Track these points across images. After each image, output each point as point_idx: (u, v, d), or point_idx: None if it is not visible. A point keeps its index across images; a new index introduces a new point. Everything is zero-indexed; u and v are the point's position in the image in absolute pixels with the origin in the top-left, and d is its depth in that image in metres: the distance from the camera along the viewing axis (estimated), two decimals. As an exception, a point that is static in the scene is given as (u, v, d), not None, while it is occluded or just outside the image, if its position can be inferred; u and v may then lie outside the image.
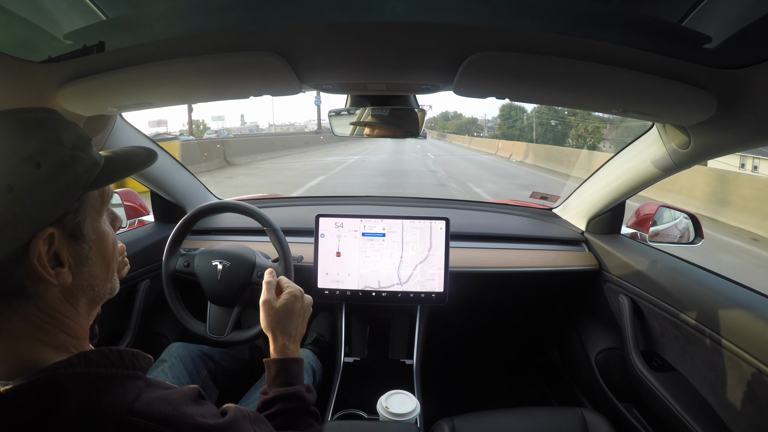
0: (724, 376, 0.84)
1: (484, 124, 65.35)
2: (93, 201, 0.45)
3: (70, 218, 0.42)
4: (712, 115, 0.68)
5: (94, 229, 0.45)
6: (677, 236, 1.28)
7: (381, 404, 0.88)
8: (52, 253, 0.40)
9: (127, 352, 0.43)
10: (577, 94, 0.74)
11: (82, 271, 0.44)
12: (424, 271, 1.15)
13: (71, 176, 0.40)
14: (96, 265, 0.45)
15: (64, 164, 0.40)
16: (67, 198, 0.40)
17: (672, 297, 0.99)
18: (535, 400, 1.59)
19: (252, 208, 1.07)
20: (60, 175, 0.39)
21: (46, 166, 0.38)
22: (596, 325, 1.35)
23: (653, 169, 1.00)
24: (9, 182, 0.36)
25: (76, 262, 0.43)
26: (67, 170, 0.40)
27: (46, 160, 0.39)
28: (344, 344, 1.20)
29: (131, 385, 0.41)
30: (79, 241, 0.43)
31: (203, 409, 0.44)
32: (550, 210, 1.57)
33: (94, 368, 0.39)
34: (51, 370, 0.37)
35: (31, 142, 0.39)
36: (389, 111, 0.91)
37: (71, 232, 0.42)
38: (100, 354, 0.41)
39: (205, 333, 1.05)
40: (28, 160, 0.38)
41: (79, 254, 0.43)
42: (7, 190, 0.36)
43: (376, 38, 0.60)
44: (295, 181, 8.93)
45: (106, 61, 0.67)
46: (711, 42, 0.54)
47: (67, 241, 0.42)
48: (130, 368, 0.42)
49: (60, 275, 0.41)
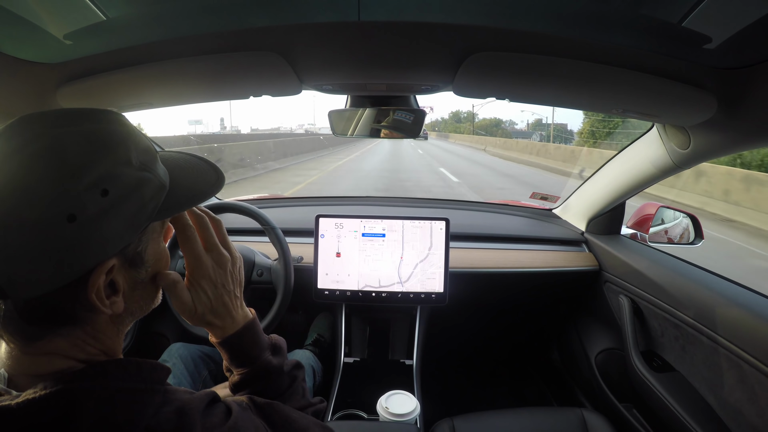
0: (724, 376, 0.84)
1: (514, 129, 54.69)
2: (156, 225, 0.42)
3: (133, 248, 0.39)
4: (713, 116, 0.68)
5: (154, 254, 0.42)
6: (677, 237, 1.28)
7: (381, 404, 0.88)
8: (108, 281, 0.37)
9: (146, 363, 0.40)
10: (577, 95, 0.74)
11: (135, 295, 0.41)
12: (424, 270, 1.15)
13: (138, 203, 0.37)
14: (148, 286, 0.43)
15: (132, 189, 0.36)
16: (133, 229, 0.37)
17: (672, 297, 0.99)
18: (535, 400, 1.59)
19: (251, 208, 1.07)
20: (127, 202, 0.35)
21: (113, 193, 0.34)
22: (596, 325, 1.35)
23: (653, 169, 1.00)
24: (71, 212, 0.32)
25: (130, 287, 0.40)
26: (134, 196, 0.36)
27: (113, 186, 0.34)
28: (344, 345, 1.20)
29: (149, 402, 0.38)
30: (138, 268, 0.40)
31: (213, 418, 0.41)
32: (550, 210, 1.57)
33: (112, 381, 0.37)
34: (65, 383, 0.34)
35: (99, 164, 0.34)
36: (390, 111, 0.91)
37: (131, 260, 0.39)
38: (119, 366, 0.38)
39: (205, 334, 1.04)
40: (95, 186, 0.33)
41: (134, 279, 0.40)
42: (69, 219, 0.32)
43: (376, 38, 0.60)
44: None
45: (106, 61, 0.67)
46: (711, 42, 0.54)
47: (126, 269, 0.39)
48: (148, 382, 0.39)
49: (114, 304, 0.38)
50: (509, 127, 59.63)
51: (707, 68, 0.61)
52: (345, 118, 0.94)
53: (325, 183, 9.29)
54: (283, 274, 1.03)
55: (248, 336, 0.55)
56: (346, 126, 0.95)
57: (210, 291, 0.50)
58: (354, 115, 0.93)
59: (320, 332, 1.38)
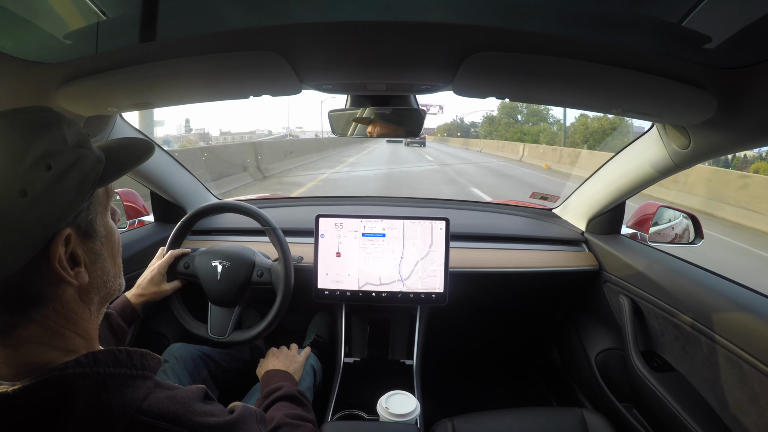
0: (724, 376, 0.84)
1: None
2: (100, 197, 0.45)
3: (83, 216, 0.42)
4: (713, 116, 0.68)
5: (104, 225, 0.45)
6: (677, 236, 1.28)
7: (381, 405, 0.88)
8: (69, 253, 0.40)
9: (136, 352, 0.43)
10: (577, 94, 0.74)
11: (96, 268, 0.44)
12: (425, 268, 1.15)
13: (80, 174, 0.40)
14: (107, 261, 0.46)
15: (72, 163, 0.40)
16: (80, 196, 0.40)
17: (672, 297, 0.99)
18: (535, 401, 1.59)
19: (251, 208, 1.07)
20: (70, 174, 0.39)
21: (56, 167, 0.38)
22: (596, 325, 1.35)
23: (653, 169, 1.00)
24: (22, 187, 0.36)
25: (90, 260, 0.43)
26: (76, 168, 0.40)
27: (55, 161, 0.38)
28: (344, 345, 1.20)
29: (140, 385, 0.40)
30: (92, 238, 0.43)
31: (211, 407, 0.44)
32: (550, 210, 1.57)
33: (103, 368, 0.39)
34: (60, 370, 0.37)
35: (38, 143, 0.38)
36: (389, 111, 0.91)
37: (85, 230, 0.42)
38: (109, 353, 0.41)
39: (206, 335, 1.04)
40: (38, 162, 0.37)
41: (92, 251, 0.43)
42: (21, 195, 0.35)
43: (376, 38, 0.60)
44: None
45: (106, 61, 0.67)
46: (711, 42, 0.54)
47: (82, 239, 0.42)
48: (139, 368, 0.42)
49: (78, 275, 0.41)
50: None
51: (707, 68, 0.60)
52: (345, 118, 0.94)
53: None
54: (283, 275, 1.03)
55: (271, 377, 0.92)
56: (346, 126, 0.95)
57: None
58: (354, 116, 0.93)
59: (318, 332, 1.37)
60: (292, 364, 0.98)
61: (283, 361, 0.99)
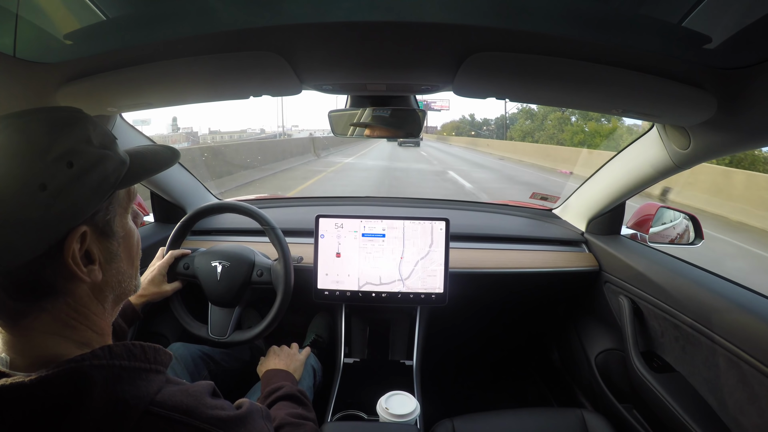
0: (724, 376, 0.84)
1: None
2: (121, 199, 0.46)
3: (101, 216, 0.42)
4: (713, 116, 0.68)
5: (122, 226, 0.46)
6: (677, 237, 1.28)
7: (381, 405, 0.88)
8: (84, 251, 0.41)
9: (150, 347, 0.44)
10: (577, 95, 0.74)
11: (111, 268, 0.45)
12: (425, 267, 1.15)
13: (102, 175, 0.41)
14: (123, 262, 0.47)
15: (94, 163, 0.40)
16: (99, 196, 0.41)
17: (672, 298, 0.99)
18: (535, 401, 1.59)
19: (251, 208, 1.07)
20: (91, 173, 0.40)
21: (78, 165, 0.39)
22: (596, 325, 1.35)
23: (653, 169, 1.00)
24: (42, 181, 0.36)
25: (105, 259, 0.44)
26: (97, 169, 0.40)
27: (77, 159, 0.39)
28: (344, 345, 1.20)
29: (153, 379, 0.41)
30: (109, 238, 0.44)
31: (220, 402, 0.45)
32: (550, 211, 1.57)
33: (119, 360, 0.40)
34: (77, 362, 0.37)
35: (63, 141, 0.39)
36: (389, 111, 0.91)
37: (102, 229, 0.43)
38: (125, 347, 0.41)
39: (207, 335, 1.04)
40: (60, 159, 0.38)
41: (108, 251, 0.44)
42: (41, 188, 0.36)
43: (376, 38, 0.60)
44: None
45: (106, 61, 0.67)
46: (711, 42, 0.54)
47: (98, 238, 0.43)
48: (152, 362, 0.43)
49: (92, 272, 0.41)
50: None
51: (707, 68, 0.60)
52: (345, 119, 0.94)
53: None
54: (283, 275, 1.03)
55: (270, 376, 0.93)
56: (346, 125, 0.95)
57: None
58: (354, 116, 0.93)
59: (318, 332, 1.37)
60: (292, 363, 0.99)
61: (284, 359, 0.99)
